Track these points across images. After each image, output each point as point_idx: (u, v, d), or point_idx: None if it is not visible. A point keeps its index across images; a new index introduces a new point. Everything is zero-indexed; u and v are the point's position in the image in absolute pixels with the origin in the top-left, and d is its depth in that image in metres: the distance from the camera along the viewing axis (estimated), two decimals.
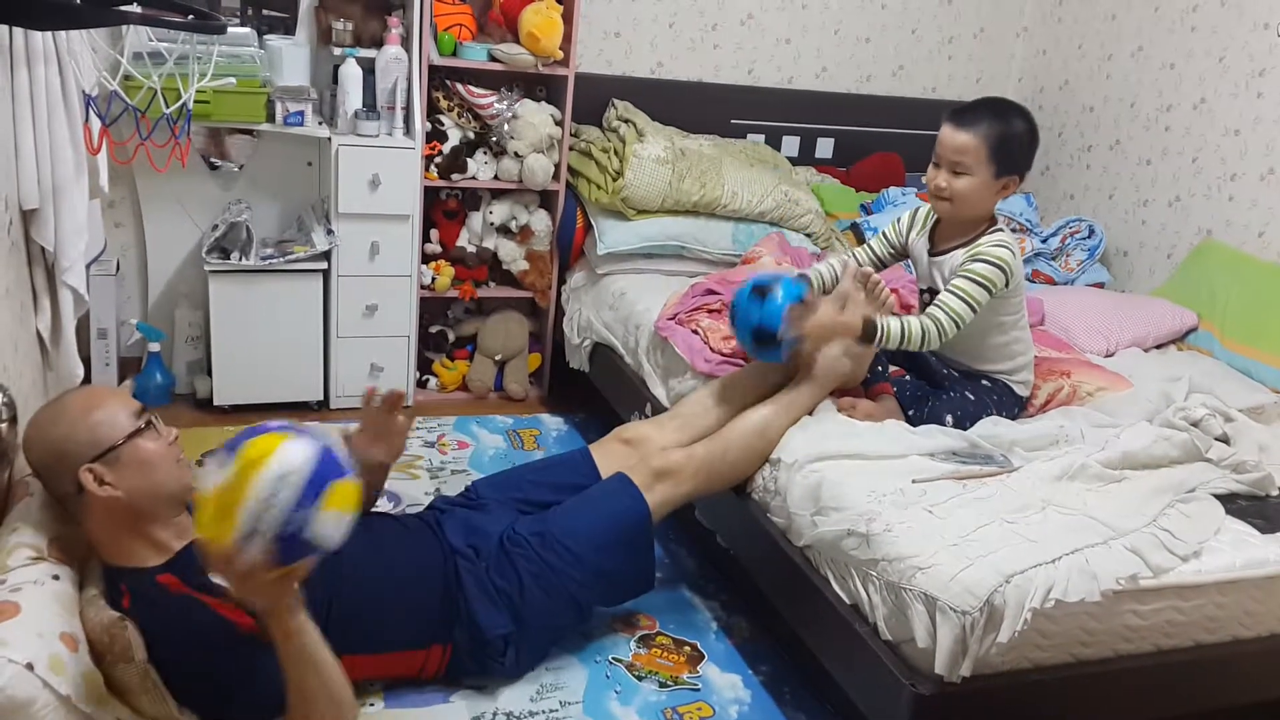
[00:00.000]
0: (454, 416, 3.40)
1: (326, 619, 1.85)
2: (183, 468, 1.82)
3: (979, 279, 2.27)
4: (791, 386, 2.38)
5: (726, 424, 2.35)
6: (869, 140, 4.01)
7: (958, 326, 2.26)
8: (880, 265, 2.57)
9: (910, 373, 2.53)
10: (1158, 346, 3.14)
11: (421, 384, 3.56)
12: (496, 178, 3.41)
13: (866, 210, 3.76)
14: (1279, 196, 3.19)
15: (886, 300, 2.34)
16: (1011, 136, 2.27)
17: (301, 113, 3.09)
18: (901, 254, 2.56)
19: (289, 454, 1.51)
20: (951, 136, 2.28)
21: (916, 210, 2.53)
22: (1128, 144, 3.73)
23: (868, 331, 2.22)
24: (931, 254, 2.42)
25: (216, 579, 1.58)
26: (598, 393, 3.30)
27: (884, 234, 2.56)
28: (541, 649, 2.18)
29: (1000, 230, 2.35)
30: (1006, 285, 2.30)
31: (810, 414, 2.35)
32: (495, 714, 2.06)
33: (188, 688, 1.72)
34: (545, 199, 3.54)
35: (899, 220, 2.54)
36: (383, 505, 2.53)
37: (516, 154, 3.35)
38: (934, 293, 2.43)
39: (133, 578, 1.75)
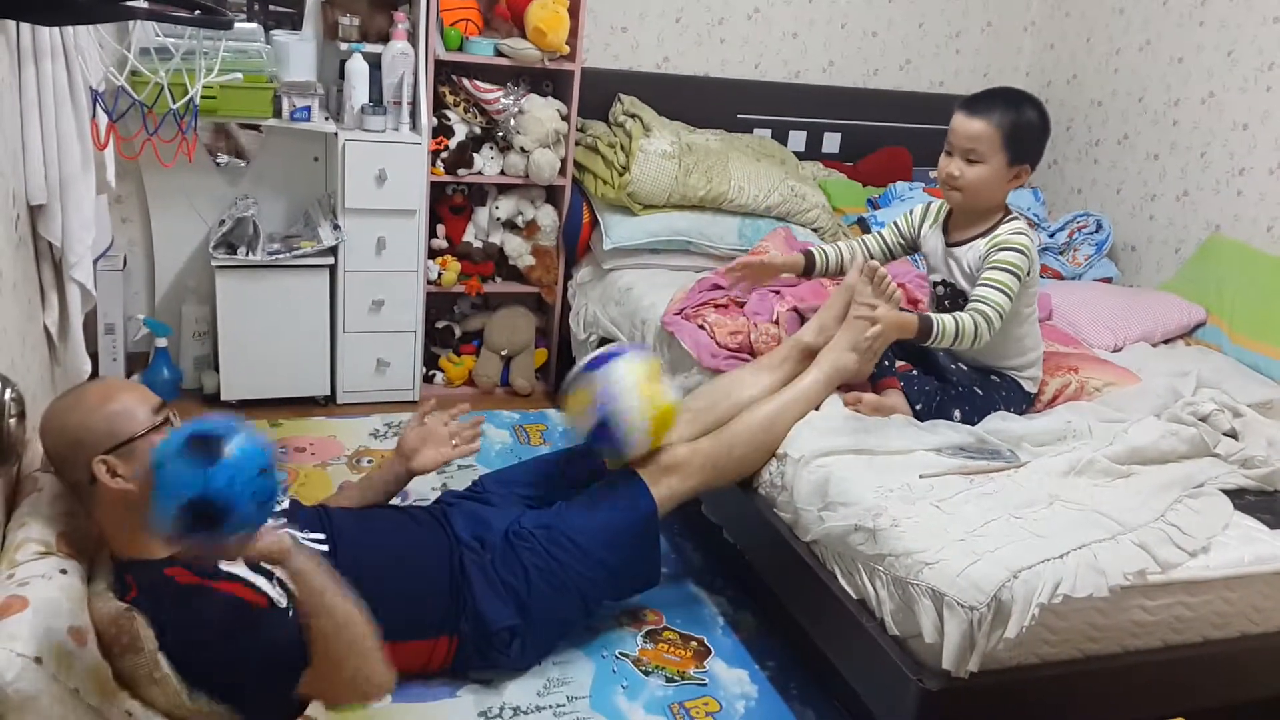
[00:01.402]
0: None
1: None
2: None
3: (1010, 267, 2.25)
4: (798, 381, 2.38)
5: (733, 418, 2.34)
6: (876, 135, 4.00)
7: (1001, 318, 2.23)
8: (889, 256, 2.57)
9: (918, 368, 2.52)
10: (1166, 341, 3.13)
11: (428, 379, 3.56)
12: (503, 173, 3.41)
13: (873, 205, 3.75)
14: None
15: (894, 295, 2.33)
16: (1024, 125, 2.26)
17: (308, 108, 3.09)
18: (911, 246, 2.55)
19: None
20: (964, 124, 2.27)
21: (929, 204, 2.53)
22: (1136, 138, 3.72)
23: (924, 329, 2.18)
24: (949, 245, 2.42)
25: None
26: None
27: (895, 224, 2.56)
28: (548, 642, 2.18)
29: (1017, 219, 2.34)
30: (1028, 273, 2.30)
31: (817, 409, 2.35)
32: (502, 708, 2.06)
33: (200, 675, 1.73)
34: (551, 194, 3.54)
35: (910, 213, 2.54)
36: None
37: (523, 149, 3.35)
38: (948, 285, 2.42)
39: (140, 570, 1.76)
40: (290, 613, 1.83)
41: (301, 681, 1.75)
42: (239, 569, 1.81)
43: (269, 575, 1.84)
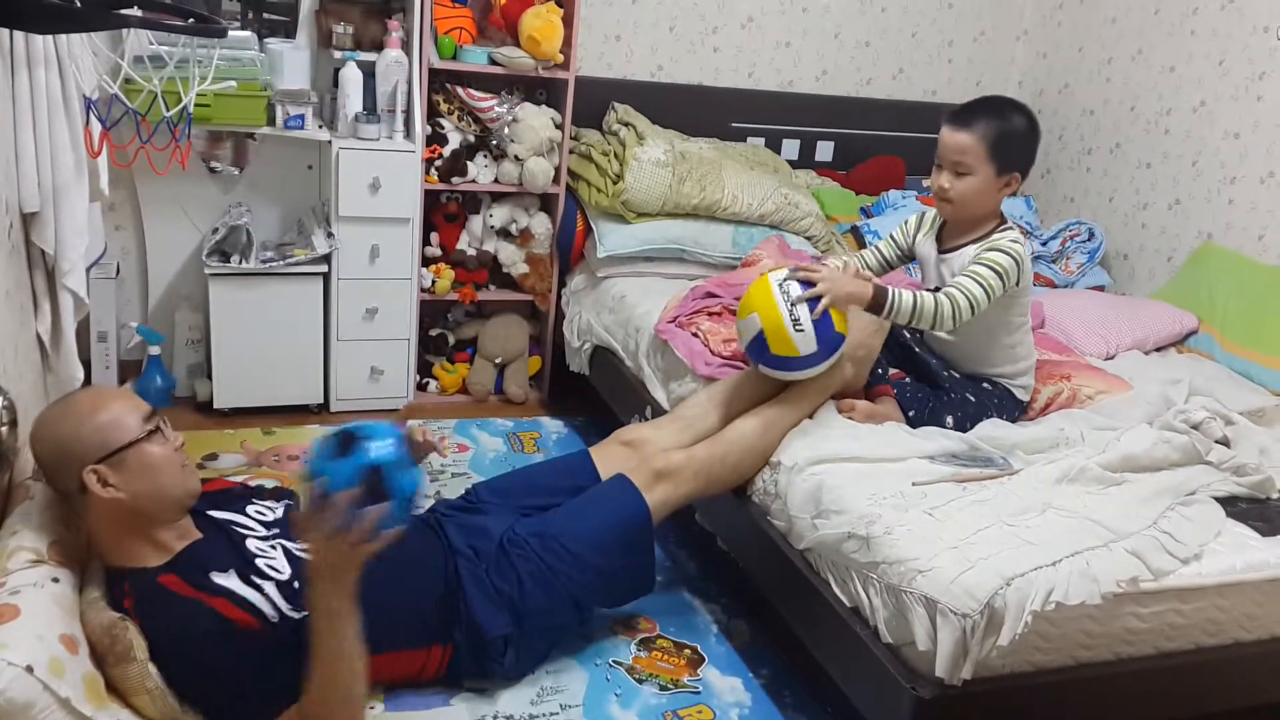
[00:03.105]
0: (454, 419, 3.40)
1: None
2: (187, 473, 1.82)
3: (995, 266, 2.26)
4: (792, 389, 2.38)
5: (727, 426, 2.34)
6: (869, 143, 4.02)
7: (972, 310, 2.23)
8: (886, 268, 2.58)
9: (910, 375, 2.53)
10: (1158, 349, 3.14)
11: (421, 387, 3.56)
12: (497, 181, 3.41)
13: (866, 213, 3.76)
14: (1279, 200, 3.19)
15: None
16: (1010, 133, 2.27)
17: (302, 116, 3.09)
18: (908, 257, 2.56)
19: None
20: (951, 137, 2.28)
21: (923, 214, 2.53)
22: (1128, 147, 3.74)
23: (877, 299, 2.18)
24: (941, 252, 2.42)
25: (300, 539, 1.68)
26: (598, 396, 3.30)
27: (891, 237, 2.57)
28: (541, 650, 2.18)
29: (1011, 228, 2.35)
30: (1018, 282, 2.30)
31: (810, 416, 2.35)
32: (496, 717, 2.05)
33: (190, 686, 1.73)
34: (545, 202, 3.55)
35: (906, 223, 2.55)
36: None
37: (517, 157, 3.35)
38: None
39: (134, 577, 1.75)
40: (281, 629, 1.82)
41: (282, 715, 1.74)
42: (232, 582, 1.81)
43: (259, 589, 1.83)
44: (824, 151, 4.02)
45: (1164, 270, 3.57)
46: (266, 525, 1.97)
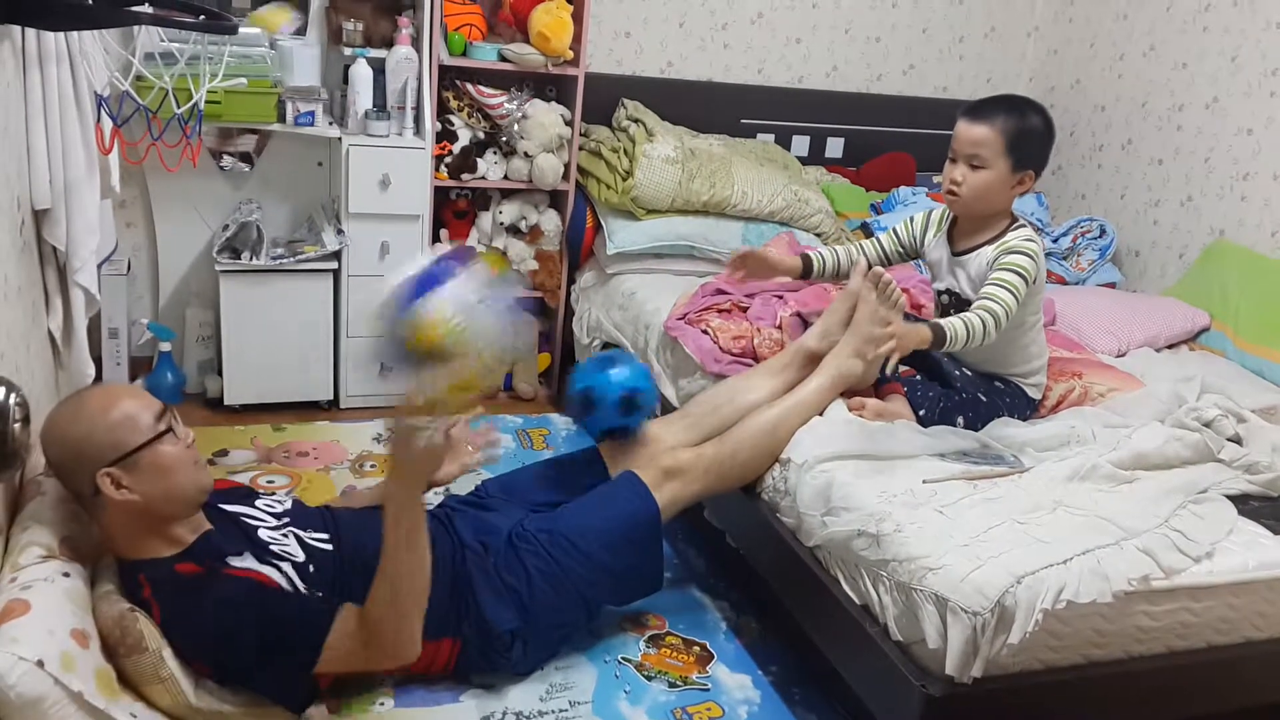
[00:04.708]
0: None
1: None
2: (199, 469, 1.82)
3: (1018, 269, 2.24)
4: (802, 386, 2.38)
5: (736, 424, 2.34)
6: (879, 140, 4.01)
7: (1008, 317, 2.21)
8: (886, 262, 2.56)
9: (921, 373, 2.52)
10: (1169, 347, 3.13)
11: None
12: (506, 177, 3.41)
13: (877, 210, 3.76)
14: None
15: (898, 301, 2.33)
16: (1028, 130, 2.26)
17: (312, 113, 3.10)
18: (912, 254, 2.55)
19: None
20: (967, 130, 2.27)
21: (931, 211, 2.52)
22: (1139, 143, 3.72)
23: (938, 338, 2.14)
24: (955, 254, 2.41)
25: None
26: None
27: (895, 231, 2.55)
28: (550, 647, 2.18)
29: (1025, 226, 2.34)
30: (1034, 280, 2.29)
31: (820, 414, 2.35)
32: (505, 713, 2.06)
33: (218, 661, 1.73)
34: (555, 199, 3.55)
35: (911, 220, 2.53)
36: None
37: (526, 154, 3.35)
38: (953, 294, 2.42)
39: (151, 568, 1.76)
40: (305, 597, 1.83)
41: (331, 647, 1.77)
42: (248, 562, 1.82)
43: (277, 568, 1.84)
44: (834, 148, 4.01)
45: (1176, 267, 3.56)
46: (276, 516, 1.98)
